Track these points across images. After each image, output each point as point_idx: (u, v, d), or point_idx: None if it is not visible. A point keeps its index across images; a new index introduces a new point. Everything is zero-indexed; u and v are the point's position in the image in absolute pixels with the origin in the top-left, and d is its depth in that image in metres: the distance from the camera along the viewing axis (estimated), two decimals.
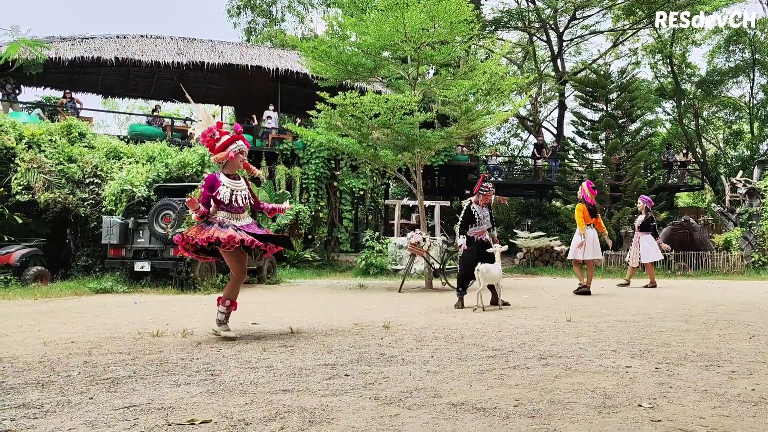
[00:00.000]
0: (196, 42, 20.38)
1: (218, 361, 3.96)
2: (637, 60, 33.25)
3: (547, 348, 4.40)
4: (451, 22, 10.64)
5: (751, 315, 6.62)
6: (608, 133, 22.09)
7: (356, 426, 2.52)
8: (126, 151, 13.18)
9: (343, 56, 11.49)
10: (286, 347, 4.46)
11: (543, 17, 28.86)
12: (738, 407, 2.80)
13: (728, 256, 16.89)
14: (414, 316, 6.56)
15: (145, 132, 17.75)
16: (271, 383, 3.30)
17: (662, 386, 3.20)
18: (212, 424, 2.55)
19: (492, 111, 11.97)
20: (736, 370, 3.63)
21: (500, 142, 36.76)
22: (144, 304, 8.06)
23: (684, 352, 4.24)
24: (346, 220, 19.69)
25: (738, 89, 34.43)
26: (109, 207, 11.26)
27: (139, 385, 3.26)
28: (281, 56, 20.92)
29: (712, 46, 32.91)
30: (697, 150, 31.69)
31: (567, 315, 6.40)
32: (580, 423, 2.56)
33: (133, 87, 23.56)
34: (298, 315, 6.75)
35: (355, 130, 11.30)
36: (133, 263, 10.39)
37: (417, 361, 3.91)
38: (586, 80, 24.10)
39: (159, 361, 3.94)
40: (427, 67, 12.96)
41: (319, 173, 19.21)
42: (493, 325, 5.79)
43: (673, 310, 7.11)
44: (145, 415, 2.69)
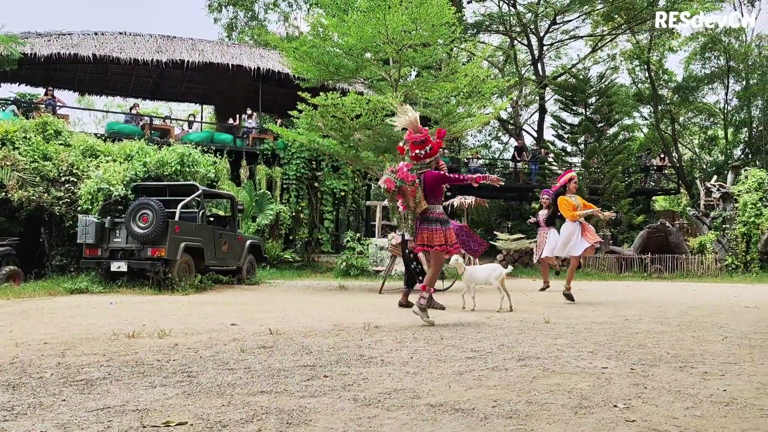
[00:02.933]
0: (176, 40, 20.19)
1: (195, 362, 3.92)
2: (615, 65, 33.70)
3: (525, 349, 4.43)
4: (433, 25, 10.69)
5: (724, 317, 6.73)
6: (587, 137, 22.35)
7: (334, 427, 2.51)
8: (103, 150, 12.99)
9: (325, 57, 11.48)
10: (265, 348, 4.44)
11: (524, 21, 29.11)
12: (710, 407, 2.85)
13: (702, 259, 17.18)
14: (394, 318, 6.56)
15: (123, 130, 17.54)
16: (249, 384, 3.28)
17: (637, 387, 3.24)
18: (188, 426, 2.53)
19: (473, 114, 12.05)
20: (708, 371, 3.69)
21: (481, 144, 36.96)
22: (120, 305, 7.95)
23: (659, 353, 4.30)
24: (327, 221, 19.64)
25: (713, 95, 35.06)
26: (85, 206, 11.09)
27: (113, 387, 3.22)
28: (263, 56, 20.82)
29: (689, 52, 33.47)
30: (673, 155, 32.17)
31: (545, 317, 6.45)
32: (557, 423, 2.58)
33: (111, 84, 23.28)
34: (277, 316, 6.72)
35: (337, 131, 11.30)
36: (110, 263, 10.24)
37: (396, 362, 3.91)
38: (565, 84, 24.39)
39: (134, 363, 3.89)
40: (408, 69, 13.00)
41: (300, 174, 19.15)
42: (473, 326, 5.81)
43: (649, 312, 7.20)
44: (119, 417, 2.66)
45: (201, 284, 10.79)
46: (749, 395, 3.08)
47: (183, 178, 12.14)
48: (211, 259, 11.14)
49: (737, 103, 33.19)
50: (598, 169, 22.20)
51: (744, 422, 2.62)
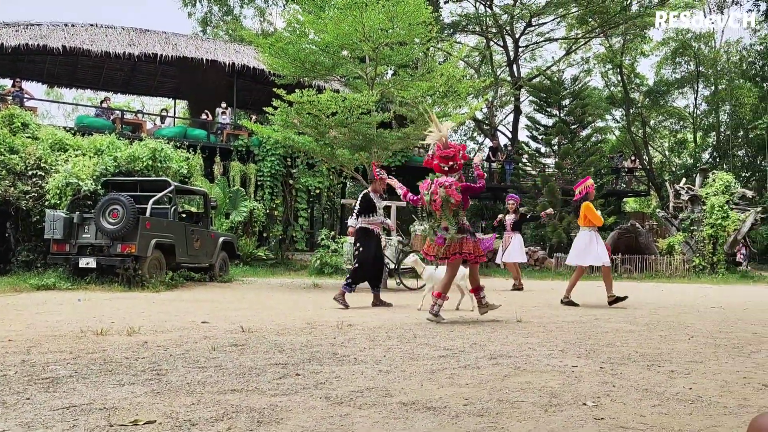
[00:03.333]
0: (149, 33, 19.87)
1: (165, 360, 3.87)
2: (588, 68, 34.19)
3: (497, 348, 4.47)
4: (410, 24, 10.71)
5: (690, 317, 6.88)
6: (561, 138, 22.62)
7: (306, 426, 2.50)
8: (72, 143, 12.73)
9: (301, 54, 11.42)
10: (237, 346, 4.40)
11: (500, 23, 29.33)
12: (676, 405, 2.90)
13: (671, 260, 17.52)
14: (368, 316, 6.56)
15: (93, 124, 17.23)
16: (220, 383, 3.24)
17: (606, 385, 3.29)
18: (156, 424, 2.49)
19: (449, 113, 12.10)
20: (675, 369, 3.76)
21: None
22: (88, 302, 7.81)
23: (627, 352, 4.37)
24: (301, 219, 19.55)
25: (683, 100, 35.83)
26: (53, 200, 10.86)
27: (80, 385, 3.15)
28: (238, 51, 20.61)
29: (660, 57, 34.14)
30: (644, 157, 32.76)
31: (517, 316, 6.51)
32: (527, 421, 2.60)
33: (81, 77, 22.82)
34: (249, 314, 6.66)
35: (312, 128, 11.24)
36: (78, 259, 10.05)
37: (369, 361, 3.91)
38: (540, 86, 24.63)
39: (102, 361, 3.82)
40: (385, 68, 13.01)
41: (275, 171, 19.02)
42: (446, 324, 5.84)
43: (618, 312, 7.32)
44: (85, 415, 2.61)
45: (172, 281, 10.65)
46: (713, 393, 3.15)
47: (155, 173, 11.97)
48: (182, 255, 11.00)
49: (706, 107, 33.97)
50: (571, 171, 22.49)
51: (708, 419, 2.67)
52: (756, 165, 30.61)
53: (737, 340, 5.10)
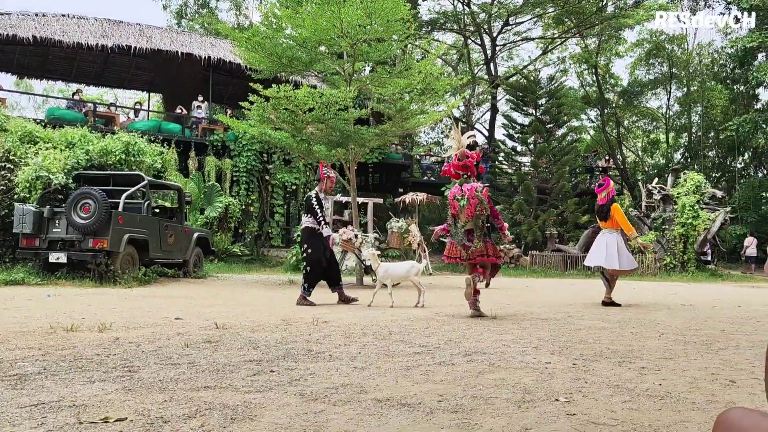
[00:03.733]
0: (122, 25, 19.53)
1: (137, 357, 3.82)
2: (564, 68, 34.53)
3: (472, 345, 4.50)
4: (388, 20, 10.68)
5: (661, 314, 7.00)
6: (537, 137, 22.83)
7: (280, 423, 2.49)
8: (43, 136, 12.47)
9: (278, 49, 11.33)
10: (210, 343, 4.36)
11: (478, 21, 29.46)
12: (646, 401, 2.95)
13: (643, 259, 17.80)
14: (343, 312, 6.55)
15: (64, 116, 16.91)
16: (193, 380, 3.21)
17: (578, 381, 3.33)
18: (128, 422, 2.45)
19: (426, 110, 12.11)
20: (645, 366, 3.83)
21: (434, 142, 37.29)
22: (58, 298, 7.67)
23: (599, 349, 4.43)
24: (277, 215, 19.44)
25: (656, 101, 36.41)
26: (23, 194, 10.63)
27: (49, 382, 3.09)
28: (213, 44, 20.38)
29: (634, 58, 34.62)
30: (618, 157, 33.22)
31: (492, 312, 6.56)
32: (501, 417, 2.62)
33: (52, 68, 22.34)
34: (224, 310, 6.61)
35: (289, 123, 11.17)
36: (48, 254, 9.86)
37: (344, 357, 3.90)
38: (517, 85, 24.82)
39: (72, 357, 3.75)
40: (363, 64, 12.97)
41: (251, 166, 18.88)
42: (421, 321, 5.86)
43: (591, 309, 7.42)
44: (54, 413, 2.56)
45: (145, 277, 10.52)
46: (683, 389, 3.21)
47: (128, 167, 11.80)
48: (156, 251, 10.86)
49: (678, 108, 34.55)
50: (546, 169, 22.72)
51: (677, 415, 2.73)
52: (726, 166, 31.26)
53: (706, 337, 5.20)
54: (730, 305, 8.60)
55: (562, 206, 21.62)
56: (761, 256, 21.20)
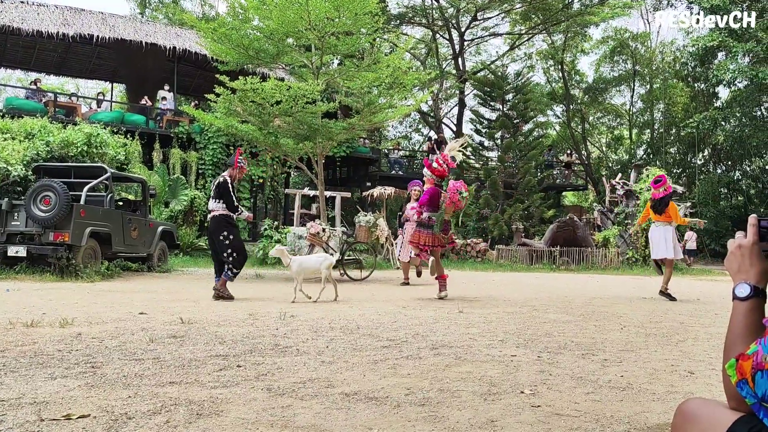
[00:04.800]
0: (84, 13, 19.05)
1: (100, 352, 3.75)
2: (531, 64, 34.94)
3: (439, 338, 4.53)
4: (356, 13, 10.65)
5: (623, 307, 7.17)
6: (504, 132, 23.05)
7: (246, 418, 2.47)
8: (0, 127, 12.10)
9: (245, 40, 11.19)
10: (176, 338, 4.30)
11: (446, 16, 29.57)
12: (608, 392, 3.02)
13: (606, 253, 18.17)
14: (311, 307, 6.54)
15: (23, 106, 16.43)
16: (158, 375, 3.16)
17: (543, 374, 3.40)
18: (91, 418, 2.41)
19: (394, 105, 12.13)
20: (608, 358, 3.92)
21: (402, 136, 37.35)
22: (18, 292, 7.46)
23: (563, 341, 4.52)
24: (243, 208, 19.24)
25: (620, 97, 37.09)
26: None
27: (8, 379, 3.02)
28: (179, 35, 20.03)
29: (599, 55, 35.20)
30: (582, 152, 33.77)
31: (459, 307, 6.63)
32: (467, 410, 2.65)
33: (10, 57, 21.64)
34: (189, 305, 6.52)
35: (256, 116, 11.06)
36: (6, 248, 9.58)
37: (312, 352, 3.90)
38: (484, 80, 24.98)
39: (33, 353, 3.66)
40: (331, 57, 12.93)
41: (217, 159, 18.64)
42: (389, 315, 5.88)
43: (556, 303, 7.55)
44: (14, 410, 2.50)
45: (108, 271, 10.31)
46: (643, 380, 3.30)
47: (90, 159, 11.53)
48: (119, 245, 10.65)
49: (641, 105, 35.29)
50: (513, 164, 22.96)
51: (638, 406, 2.80)
52: (686, 162, 32.07)
53: (666, 329, 5.35)
54: (690, 298, 8.85)
55: (528, 201, 21.91)
56: (695, 251, 22.01)
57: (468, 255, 18.97)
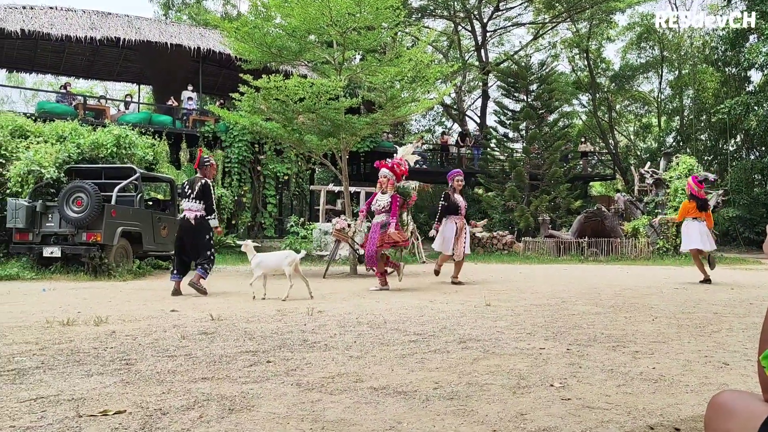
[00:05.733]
0: (111, 16, 19.34)
1: (133, 349, 3.83)
2: (555, 53, 34.47)
3: (466, 332, 4.53)
4: (377, 8, 10.62)
5: (654, 299, 7.06)
6: (528, 123, 22.82)
7: (277, 412, 2.51)
8: (33, 130, 12.39)
9: (268, 38, 11.25)
10: (206, 334, 4.37)
11: (468, 7, 29.34)
12: (640, 384, 2.99)
13: (636, 243, 17.89)
14: (338, 302, 6.58)
15: (54, 110, 16.76)
16: (190, 371, 3.22)
17: (573, 366, 3.37)
18: (126, 414, 2.47)
19: (417, 98, 12.08)
20: (639, 350, 3.87)
21: (425, 129, 37.22)
22: (53, 292, 7.65)
23: (593, 333, 4.48)
24: (270, 206, 19.41)
25: (648, 84, 36.39)
26: (14, 189, 10.57)
27: (47, 376, 3.10)
28: (203, 35, 20.23)
29: (625, 42, 34.57)
30: (609, 141, 33.26)
31: (486, 300, 6.60)
32: (496, 403, 2.65)
33: (41, 62, 22.12)
34: (219, 301, 6.62)
35: (280, 114, 11.13)
36: (42, 248, 9.83)
37: (340, 347, 3.92)
38: (508, 71, 24.74)
39: (69, 351, 3.76)
40: (353, 53, 12.90)
41: (243, 157, 18.81)
42: (415, 310, 5.89)
43: (585, 294, 7.47)
44: (53, 407, 2.57)
45: (139, 270, 10.50)
46: (676, 372, 3.26)
47: (119, 160, 11.74)
48: (149, 244, 10.84)
49: (670, 92, 34.58)
50: (538, 155, 22.73)
51: (671, 398, 2.76)
52: (718, 148, 31.36)
53: (699, 320, 5.26)
54: (723, 288, 8.68)
55: (555, 192, 21.68)
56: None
57: (494, 248, 18.85)
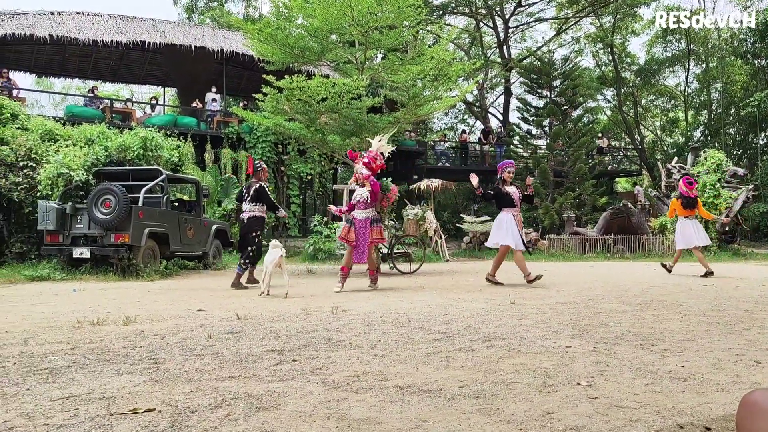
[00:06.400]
0: (136, 20, 19.66)
1: (162, 349, 3.89)
2: (579, 48, 34.08)
3: (491, 330, 4.51)
4: (399, 7, 10.63)
5: (682, 296, 6.94)
6: (552, 119, 22.60)
7: (303, 411, 2.53)
8: (62, 134, 12.65)
9: (290, 39, 11.33)
10: (233, 334, 4.42)
11: (489, 3, 29.16)
12: (669, 383, 2.95)
13: (663, 239, 17.62)
14: (362, 301, 6.59)
15: (82, 113, 17.08)
16: (217, 370, 3.26)
17: (600, 365, 3.33)
18: (156, 412, 2.51)
19: (439, 96, 12.06)
20: (668, 348, 3.81)
21: (448, 127, 37.09)
22: (83, 292, 7.81)
23: (620, 331, 4.42)
24: (294, 205, 19.53)
25: (674, 78, 35.75)
26: (45, 191, 10.81)
27: (78, 375, 3.17)
28: (226, 37, 20.43)
29: (650, 36, 34.01)
30: (635, 136, 32.78)
31: (511, 298, 6.56)
32: (522, 402, 2.64)
33: (69, 66, 22.58)
34: (244, 301, 6.68)
35: (303, 114, 11.20)
36: (72, 250, 10.03)
37: (364, 346, 3.94)
38: (530, 67, 24.54)
39: (100, 350, 3.83)
40: (374, 52, 12.93)
41: (266, 158, 18.95)
42: (440, 308, 5.88)
43: (611, 292, 7.38)
44: (85, 405, 2.62)
45: (166, 270, 10.65)
46: (706, 371, 3.20)
47: (146, 162, 11.92)
48: (176, 244, 10.99)
49: (697, 85, 33.94)
50: (562, 152, 22.51)
51: (701, 396, 2.72)
52: (747, 142, 30.70)
53: (729, 317, 5.16)
54: (754, 285, 8.50)
55: (580, 188, 21.44)
56: None
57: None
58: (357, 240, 7.88)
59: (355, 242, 7.87)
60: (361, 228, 7.94)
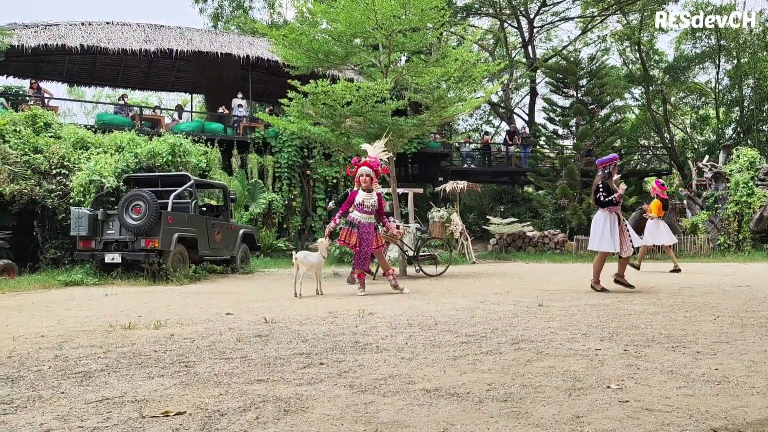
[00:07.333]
0: (164, 29, 20.01)
1: (192, 352, 3.94)
2: (606, 47, 33.62)
3: (519, 333, 4.47)
4: (422, 9, 10.62)
5: (715, 297, 6.80)
6: (579, 119, 22.34)
7: (331, 414, 2.54)
8: (93, 141, 12.92)
9: (314, 44, 11.40)
10: (261, 337, 4.46)
11: (514, 3, 28.97)
12: (702, 386, 2.89)
13: (695, 239, 17.28)
14: (388, 304, 6.60)
15: (112, 121, 17.43)
16: (246, 373, 3.30)
17: (630, 368, 3.29)
18: (187, 415, 2.55)
19: (464, 98, 12.01)
20: (700, 350, 3.74)
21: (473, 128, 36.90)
22: (115, 297, 7.96)
23: (651, 334, 4.35)
24: (319, 209, 19.63)
25: (704, 75, 35.01)
26: (77, 198, 11.05)
27: (111, 378, 3.23)
28: (251, 43, 20.67)
29: (679, 32, 33.37)
30: (665, 135, 32.23)
31: (539, 300, 6.50)
32: (551, 405, 2.61)
33: (99, 75, 23.10)
34: (272, 304, 6.74)
35: (328, 118, 11.25)
36: (104, 255, 10.23)
37: (391, 349, 3.94)
38: (556, 67, 24.30)
39: (132, 354, 3.90)
40: (398, 55, 12.93)
41: (292, 162, 19.11)
42: (467, 311, 5.85)
43: (641, 293, 7.27)
44: (118, 408, 2.68)
45: (195, 274, 10.79)
46: (740, 373, 3.13)
47: (174, 168, 12.10)
48: (204, 249, 11.14)
49: (728, 82, 33.21)
50: (590, 152, 22.22)
51: (735, 400, 2.66)
52: None
53: (765, 319, 5.04)
54: None
55: None
56: None
57: (546, 247, 18.54)
58: (360, 245, 7.87)
59: (358, 247, 7.87)
60: (366, 234, 7.96)
